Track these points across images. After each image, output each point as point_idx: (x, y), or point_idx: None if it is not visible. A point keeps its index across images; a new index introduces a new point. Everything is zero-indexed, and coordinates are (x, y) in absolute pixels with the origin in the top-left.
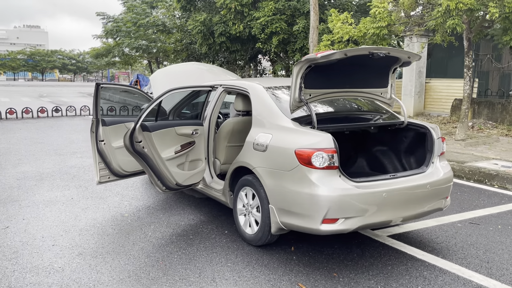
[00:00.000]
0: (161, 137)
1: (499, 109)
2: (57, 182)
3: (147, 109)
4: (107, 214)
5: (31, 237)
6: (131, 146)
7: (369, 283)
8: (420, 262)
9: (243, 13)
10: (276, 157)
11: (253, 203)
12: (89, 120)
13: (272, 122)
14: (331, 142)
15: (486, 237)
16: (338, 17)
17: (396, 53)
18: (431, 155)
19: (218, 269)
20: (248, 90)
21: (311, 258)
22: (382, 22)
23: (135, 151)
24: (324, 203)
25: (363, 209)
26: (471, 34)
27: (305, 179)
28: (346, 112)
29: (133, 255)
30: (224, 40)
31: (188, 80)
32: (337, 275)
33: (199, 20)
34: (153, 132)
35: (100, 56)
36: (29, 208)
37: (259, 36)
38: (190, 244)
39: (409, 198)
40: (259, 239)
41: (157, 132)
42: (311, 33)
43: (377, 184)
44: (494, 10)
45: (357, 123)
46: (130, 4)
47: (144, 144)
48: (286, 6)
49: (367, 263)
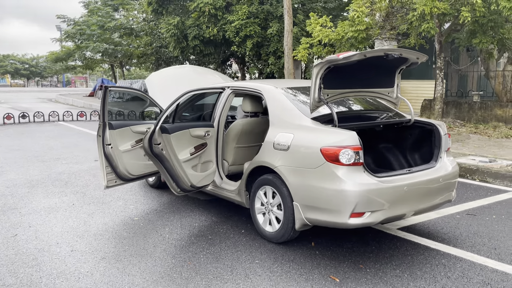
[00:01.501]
0: (178, 139)
1: (466, 108)
2: (51, 189)
3: (165, 112)
4: (116, 219)
5: (45, 243)
6: (150, 148)
7: (395, 272)
8: (435, 251)
9: (217, 16)
10: (300, 156)
11: (274, 202)
12: (60, 126)
13: (292, 122)
14: (356, 139)
15: (485, 227)
16: (317, 21)
17: (407, 54)
18: (439, 151)
19: (248, 266)
20: (261, 92)
21: (333, 252)
22: (361, 26)
23: (153, 153)
24: (352, 198)
25: (387, 202)
26: (442, 37)
27: (332, 175)
28: (356, 111)
29: (158, 257)
30: (197, 44)
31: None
32: (363, 267)
33: (172, 23)
34: (171, 134)
35: (60, 60)
36: (32, 216)
37: (233, 40)
38: (212, 244)
39: (426, 191)
40: (282, 236)
41: (175, 134)
42: (286, 36)
43: (398, 178)
44: (466, 14)
45: (372, 121)
46: (94, 6)
47: (162, 146)
48: (259, 10)
49: (387, 254)
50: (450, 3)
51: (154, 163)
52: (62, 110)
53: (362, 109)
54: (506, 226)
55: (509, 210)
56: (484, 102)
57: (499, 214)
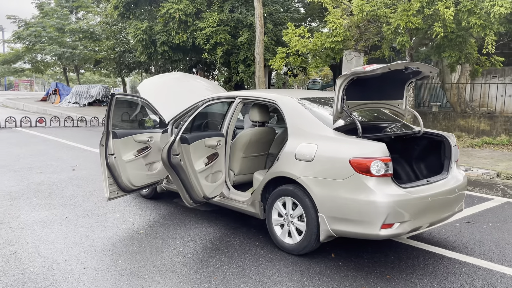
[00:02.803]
0: (195, 150)
1: (431, 118)
2: (35, 201)
3: (186, 122)
4: (120, 232)
5: (52, 261)
6: (168, 159)
7: (423, 282)
8: (453, 260)
9: (187, 23)
10: (326, 166)
11: (295, 213)
12: (19, 132)
13: (314, 132)
14: (386, 151)
15: (486, 234)
16: (294, 31)
17: (423, 68)
18: (449, 161)
19: (277, 279)
20: (277, 102)
21: (356, 263)
22: (339, 37)
23: (170, 164)
24: (384, 209)
25: (414, 213)
26: (412, 50)
27: (363, 187)
28: (367, 121)
29: (180, 273)
30: (166, 49)
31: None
32: (390, 277)
33: (140, 28)
34: (190, 144)
35: (8, 62)
36: (25, 231)
37: (204, 47)
38: (231, 258)
39: (445, 202)
40: (304, 247)
41: (193, 144)
42: (257, 45)
43: (421, 189)
44: (439, 29)
45: (388, 133)
46: (50, 8)
47: (181, 157)
48: (229, 18)
49: (408, 264)
50: (423, 18)
51: (170, 174)
52: (18, 115)
53: (372, 120)
54: (505, 233)
55: (501, 218)
56: (448, 112)
57: (493, 221)
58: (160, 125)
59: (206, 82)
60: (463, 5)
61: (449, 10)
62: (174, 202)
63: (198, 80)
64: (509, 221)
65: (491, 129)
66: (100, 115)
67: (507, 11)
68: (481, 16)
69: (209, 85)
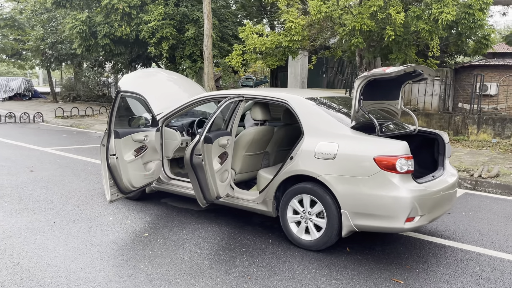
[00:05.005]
0: (214, 149)
1: None
2: (7, 206)
3: (210, 121)
4: (123, 236)
5: (66, 270)
6: (191, 159)
7: (440, 270)
8: (454, 248)
9: (130, 15)
10: (349, 164)
11: (313, 210)
12: None
13: (333, 131)
14: (408, 149)
15: (467, 223)
16: (251, 28)
17: (425, 70)
18: (443, 158)
19: (309, 276)
20: (288, 102)
21: (373, 256)
22: (297, 37)
23: (192, 164)
24: (408, 204)
25: (431, 206)
26: (362, 51)
27: (388, 183)
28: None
29: (210, 274)
30: (108, 42)
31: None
32: (410, 267)
33: (80, 19)
34: (213, 144)
35: None
36: (15, 239)
37: (149, 41)
38: (252, 257)
39: (450, 195)
40: (324, 243)
41: (214, 144)
42: (206, 41)
43: (433, 184)
44: (391, 33)
45: (396, 131)
46: None
47: (203, 157)
48: (175, 12)
49: (419, 255)
50: (376, 21)
51: (189, 174)
52: None
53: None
54: (482, 222)
55: (470, 208)
56: None
57: (466, 211)
58: (152, 124)
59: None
60: (412, 10)
61: (400, 15)
62: (162, 203)
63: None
64: (478, 210)
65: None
66: (30, 111)
67: (453, 18)
68: (428, 22)
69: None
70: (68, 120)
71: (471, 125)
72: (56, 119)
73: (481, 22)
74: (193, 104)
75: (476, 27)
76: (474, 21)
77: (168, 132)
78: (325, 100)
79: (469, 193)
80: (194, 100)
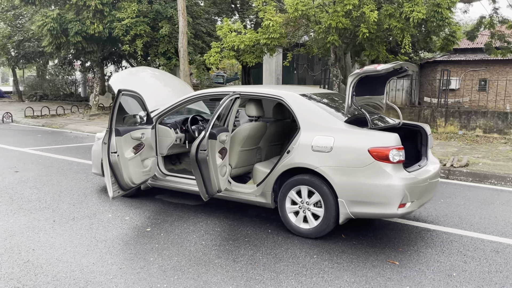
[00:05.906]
0: (216, 145)
1: None
2: (1, 207)
3: (214, 117)
4: (127, 232)
5: (79, 265)
6: (196, 155)
7: (429, 251)
8: (438, 231)
9: (103, 12)
10: (346, 156)
11: (311, 200)
12: None
13: (328, 126)
14: (399, 140)
15: (446, 209)
16: (229, 26)
17: (410, 67)
18: (426, 149)
19: (312, 261)
20: (283, 98)
21: (368, 242)
22: (275, 34)
23: (197, 160)
24: (401, 191)
25: (419, 193)
26: (336, 48)
27: (382, 172)
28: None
29: (219, 263)
30: (80, 40)
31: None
32: (402, 250)
33: (50, 16)
34: (216, 139)
35: None
36: (17, 238)
37: (122, 38)
38: (256, 246)
39: (434, 183)
40: (322, 231)
41: (217, 140)
42: (181, 38)
43: (420, 172)
44: (365, 30)
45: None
46: None
47: (208, 153)
48: (149, 9)
49: (408, 238)
50: (351, 19)
51: (193, 169)
52: None
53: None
54: (458, 207)
55: (445, 195)
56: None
57: (443, 198)
58: (146, 121)
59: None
60: (385, 9)
61: (374, 13)
62: (157, 199)
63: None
64: (454, 197)
65: None
66: None
67: (423, 16)
68: (400, 20)
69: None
70: (39, 120)
71: (439, 118)
72: (27, 119)
73: (449, 20)
74: (186, 102)
75: (444, 25)
76: (442, 19)
77: (162, 130)
78: (316, 96)
79: (443, 182)
80: (188, 98)
